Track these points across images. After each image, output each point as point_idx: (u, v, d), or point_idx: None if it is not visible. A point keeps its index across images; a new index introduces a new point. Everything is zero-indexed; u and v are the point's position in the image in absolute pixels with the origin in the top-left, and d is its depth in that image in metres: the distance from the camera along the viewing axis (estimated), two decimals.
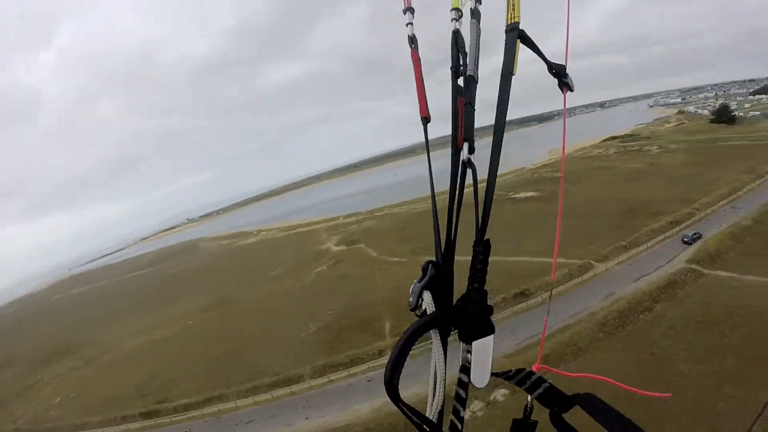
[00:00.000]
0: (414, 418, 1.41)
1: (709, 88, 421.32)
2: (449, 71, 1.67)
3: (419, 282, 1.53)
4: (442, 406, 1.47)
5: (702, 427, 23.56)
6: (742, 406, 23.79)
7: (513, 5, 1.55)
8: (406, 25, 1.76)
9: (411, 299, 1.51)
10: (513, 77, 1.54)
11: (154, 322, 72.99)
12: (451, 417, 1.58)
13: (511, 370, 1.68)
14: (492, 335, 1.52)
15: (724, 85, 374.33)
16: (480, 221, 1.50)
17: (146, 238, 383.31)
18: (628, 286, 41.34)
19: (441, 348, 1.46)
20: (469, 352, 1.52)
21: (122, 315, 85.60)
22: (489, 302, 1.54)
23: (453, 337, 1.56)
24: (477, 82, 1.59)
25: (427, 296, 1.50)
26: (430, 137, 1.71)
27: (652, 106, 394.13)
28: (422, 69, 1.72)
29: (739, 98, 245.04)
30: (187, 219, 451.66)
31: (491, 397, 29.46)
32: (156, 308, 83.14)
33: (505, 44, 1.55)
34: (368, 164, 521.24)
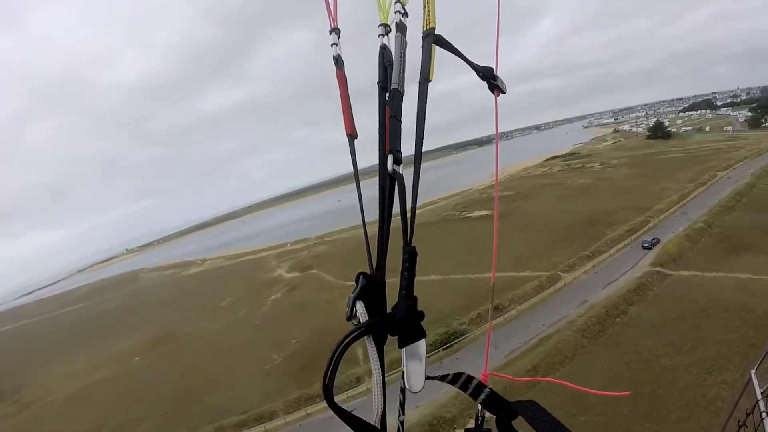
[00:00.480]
0: (352, 423, 1.52)
1: (639, 108, 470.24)
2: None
3: (353, 293, 1.64)
4: (383, 412, 1.56)
5: (699, 413, 25.42)
6: (733, 389, 26.06)
7: (428, 12, 1.66)
8: (332, 45, 1.87)
9: (346, 310, 1.63)
10: (429, 83, 1.64)
11: (95, 361, 68.54)
12: (398, 423, 1.76)
13: (448, 374, 1.77)
14: (423, 339, 1.58)
15: (654, 105, 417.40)
16: (407, 230, 1.59)
17: (83, 269, 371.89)
18: (599, 293, 44.07)
19: (376, 354, 1.57)
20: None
21: (59, 353, 79.07)
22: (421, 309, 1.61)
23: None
24: (403, 95, 1.66)
25: (359, 306, 1.61)
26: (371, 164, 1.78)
27: (586, 127, 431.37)
28: (348, 88, 1.82)
29: (670, 116, 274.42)
30: (126, 249, 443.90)
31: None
32: (97, 345, 78.17)
33: (422, 51, 1.65)
34: (311, 190, 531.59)
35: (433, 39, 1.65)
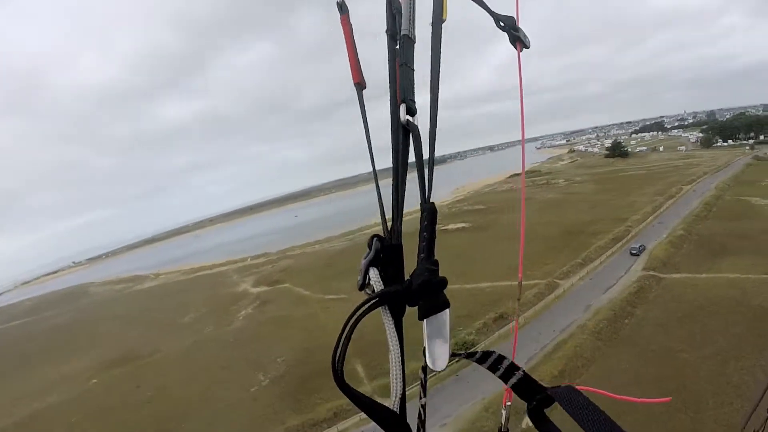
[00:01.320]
0: (367, 408, 1.43)
1: (590, 130, 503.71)
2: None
3: (365, 258, 1.53)
4: (403, 394, 1.46)
5: (731, 398, 27.54)
6: (752, 374, 28.78)
7: None
8: None
9: (359, 278, 1.53)
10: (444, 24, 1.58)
11: (46, 382, 63.05)
12: (419, 405, 1.65)
13: (477, 352, 1.61)
14: (447, 310, 1.44)
15: (604, 128, 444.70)
16: (424, 185, 1.48)
17: (28, 282, 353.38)
18: (600, 297, 46.61)
19: (393, 328, 1.46)
20: None
21: (5, 373, 73.32)
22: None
23: None
24: (414, 42, 1.61)
25: (373, 273, 1.50)
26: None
27: (539, 148, 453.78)
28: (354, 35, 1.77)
29: (623, 137, 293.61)
30: (73, 262, 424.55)
31: None
32: (46, 364, 72.37)
33: None
34: (265, 206, 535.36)
35: None
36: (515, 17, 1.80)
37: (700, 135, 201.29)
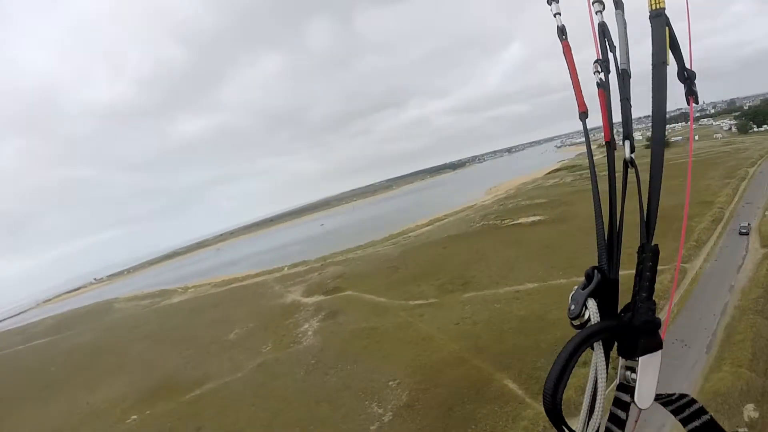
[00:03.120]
0: None
1: None
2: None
3: (582, 289, 1.52)
4: (598, 428, 1.43)
5: None
6: None
7: None
8: (555, 15, 1.78)
9: (572, 306, 1.50)
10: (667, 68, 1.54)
11: (72, 416, 51.92)
12: None
13: (674, 394, 1.58)
14: (659, 351, 1.45)
15: None
16: (646, 224, 1.52)
17: (50, 299, 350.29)
18: (737, 277, 43.30)
19: (603, 362, 1.43)
20: (630, 369, 1.47)
21: (24, 401, 62.72)
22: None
23: None
24: (630, 77, 1.63)
25: (592, 304, 1.48)
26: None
27: (560, 146, 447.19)
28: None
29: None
30: (94, 279, 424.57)
31: None
32: (67, 393, 61.19)
33: (652, 32, 1.54)
34: (283, 218, 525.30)
35: (665, 21, 1.56)
36: (694, 72, 1.74)
37: (733, 122, 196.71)
